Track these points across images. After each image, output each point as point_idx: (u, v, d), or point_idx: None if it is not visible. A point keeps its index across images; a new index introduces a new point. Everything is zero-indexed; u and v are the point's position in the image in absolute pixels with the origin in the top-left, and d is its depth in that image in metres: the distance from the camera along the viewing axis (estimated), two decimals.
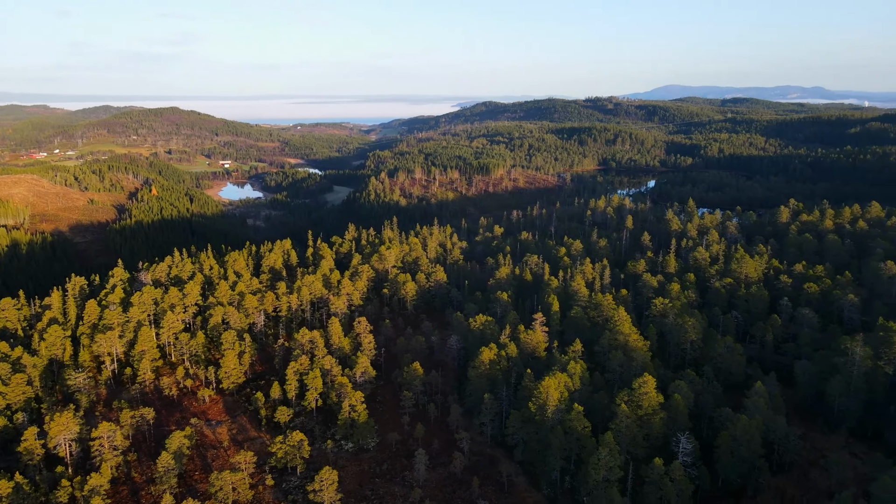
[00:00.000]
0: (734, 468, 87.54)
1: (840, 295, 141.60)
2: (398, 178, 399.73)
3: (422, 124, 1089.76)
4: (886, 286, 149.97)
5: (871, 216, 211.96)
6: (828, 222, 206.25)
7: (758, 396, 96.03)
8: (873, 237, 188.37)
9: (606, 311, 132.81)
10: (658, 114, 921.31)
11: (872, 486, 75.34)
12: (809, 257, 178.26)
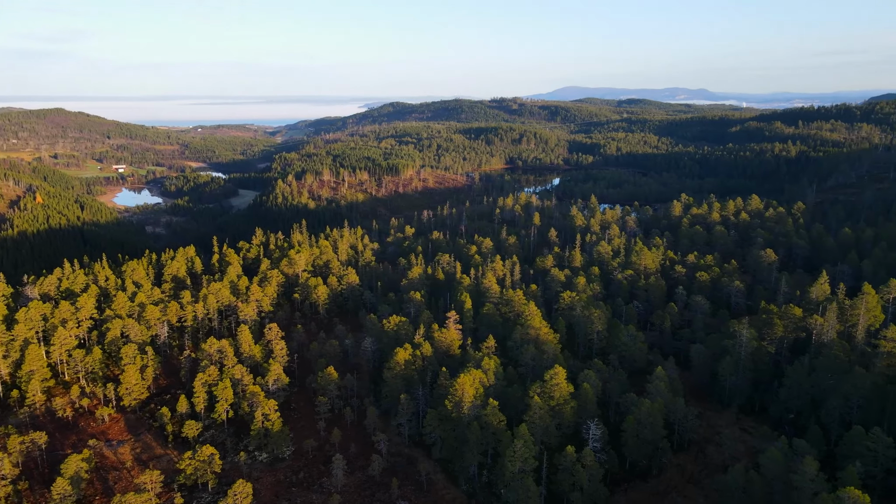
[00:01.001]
0: (640, 450, 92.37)
1: (728, 282, 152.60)
2: (306, 181, 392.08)
3: (329, 125, 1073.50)
4: (766, 272, 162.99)
5: (751, 208, 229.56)
6: (715, 215, 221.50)
7: (659, 381, 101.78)
8: (754, 227, 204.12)
9: (517, 306, 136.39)
10: (560, 114, 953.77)
11: (761, 458, 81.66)
12: (700, 248, 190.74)
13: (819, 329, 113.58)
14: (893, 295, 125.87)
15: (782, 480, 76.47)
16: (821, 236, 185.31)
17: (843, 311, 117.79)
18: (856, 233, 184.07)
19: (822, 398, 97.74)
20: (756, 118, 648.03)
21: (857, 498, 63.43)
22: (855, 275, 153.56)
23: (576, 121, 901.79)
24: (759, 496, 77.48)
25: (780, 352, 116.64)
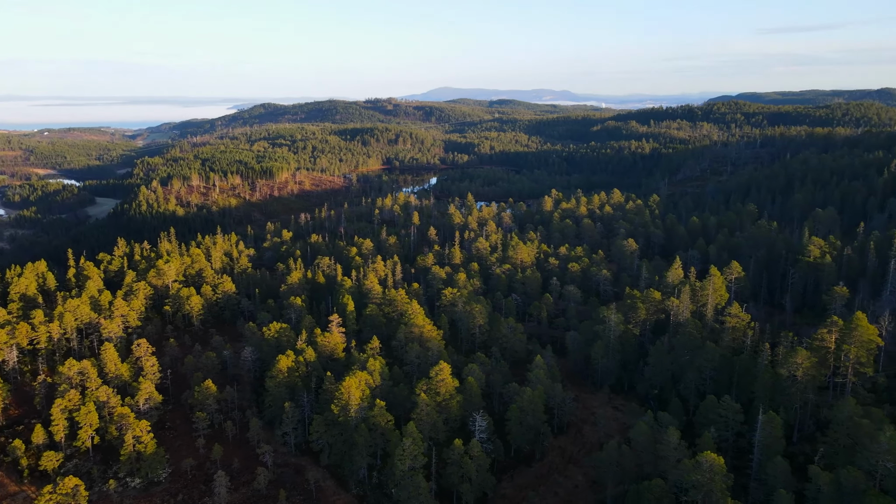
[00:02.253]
0: (524, 436, 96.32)
1: (596, 271, 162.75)
2: (173, 187, 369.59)
3: (196, 128, 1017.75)
4: (629, 260, 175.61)
5: (614, 201, 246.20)
6: (582, 209, 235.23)
7: (538, 369, 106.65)
8: (617, 219, 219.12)
9: (400, 305, 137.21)
10: (435, 114, 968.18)
11: (631, 433, 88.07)
12: (571, 240, 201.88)
13: (676, 310, 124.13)
14: (734, 276, 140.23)
15: (650, 451, 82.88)
16: (674, 225, 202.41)
17: (695, 293, 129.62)
18: (702, 221, 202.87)
19: (680, 373, 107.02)
20: (614, 118, 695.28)
21: (713, 461, 70.11)
22: (703, 259, 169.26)
23: (450, 121, 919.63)
24: (630, 468, 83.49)
25: (644, 333, 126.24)
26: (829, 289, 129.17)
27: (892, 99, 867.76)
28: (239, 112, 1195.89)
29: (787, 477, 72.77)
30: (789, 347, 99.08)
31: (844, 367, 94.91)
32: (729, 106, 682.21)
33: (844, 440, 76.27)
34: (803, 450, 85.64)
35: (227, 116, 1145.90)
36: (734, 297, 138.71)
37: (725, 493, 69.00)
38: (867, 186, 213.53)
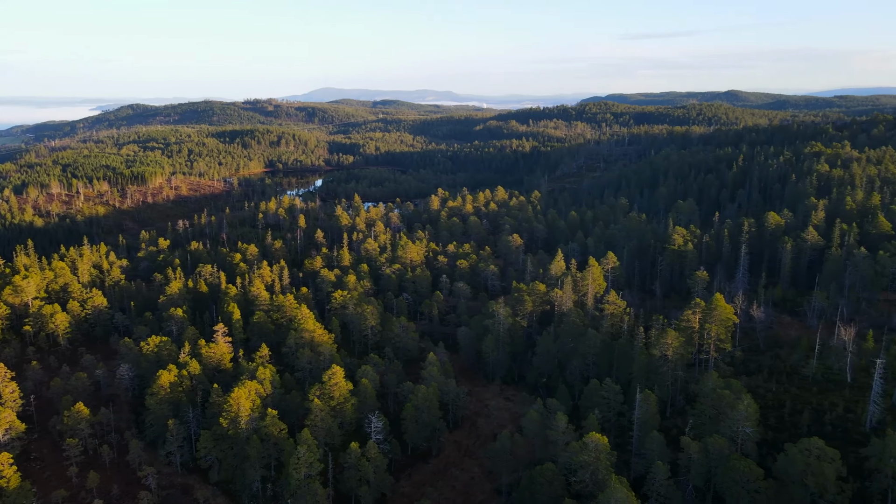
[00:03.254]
0: (420, 433, 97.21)
1: (484, 267, 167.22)
2: (29, 195, 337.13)
3: (54, 130, 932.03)
4: (515, 255, 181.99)
5: (498, 199, 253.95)
6: (469, 206, 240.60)
7: (432, 366, 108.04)
8: (502, 216, 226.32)
9: (289, 311, 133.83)
10: (318, 115, 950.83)
11: (522, 421, 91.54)
12: (458, 237, 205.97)
13: (560, 301, 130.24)
14: (611, 266, 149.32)
15: (541, 437, 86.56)
16: (555, 220, 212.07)
17: (576, 283, 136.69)
18: (580, 215, 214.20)
19: (566, 360, 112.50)
20: (495, 118, 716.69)
21: (598, 441, 74.41)
22: (583, 251, 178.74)
23: (334, 122, 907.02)
24: (523, 455, 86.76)
25: (531, 325, 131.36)
26: (691, 274, 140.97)
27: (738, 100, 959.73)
28: (104, 113, 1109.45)
29: (662, 449, 78.59)
30: (660, 329, 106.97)
31: (707, 345, 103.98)
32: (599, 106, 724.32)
33: (710, 411, 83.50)
34: (676, 423, 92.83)
35: (91, 118, 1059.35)
36: (611, 285, 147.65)
37: (610, 469, 73.45)
38: (720, 179, 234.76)
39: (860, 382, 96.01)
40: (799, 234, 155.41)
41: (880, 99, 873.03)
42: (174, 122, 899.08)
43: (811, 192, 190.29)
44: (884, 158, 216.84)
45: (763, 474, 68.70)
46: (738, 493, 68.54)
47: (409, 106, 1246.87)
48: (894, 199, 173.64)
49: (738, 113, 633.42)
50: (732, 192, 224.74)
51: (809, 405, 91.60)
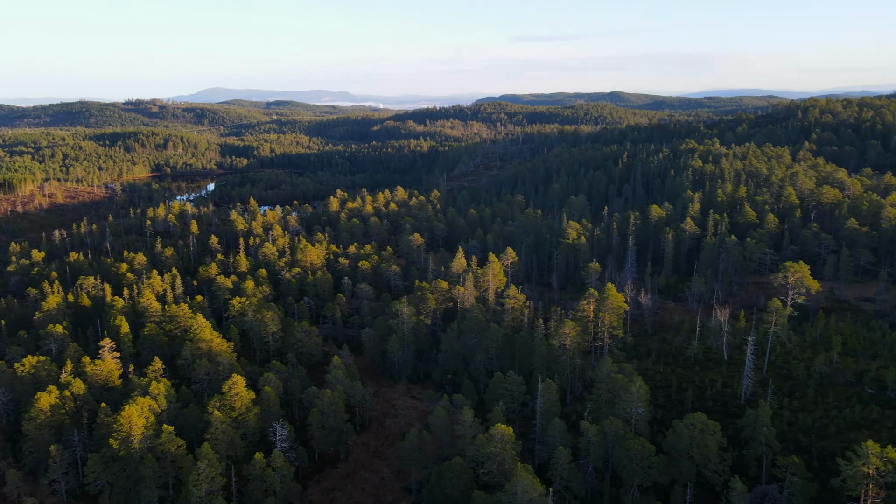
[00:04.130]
0: (327, 438, 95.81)
1: (386, 267, 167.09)
2: None
3: None
4: (417, 254, 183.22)
5: (398, 199, 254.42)
6: (368, 207, 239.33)
7: (336, 369, 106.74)
8: (402, 216, 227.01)
9: (184, 321, 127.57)
10: (207, 116, 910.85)
11: (430, 418, 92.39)
12: (359, 239, 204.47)
13: (462, 297, 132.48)
14: (510, 261, 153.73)
15: (448, 433, 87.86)
16: (454, 218, 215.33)
17: (478, 280, 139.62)
18: (479, 213, 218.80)
19: (470, 356, 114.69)
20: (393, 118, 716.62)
21: (503, 432, 76.51)
22: (483, 247, 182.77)
23: (225, 123, 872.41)
24: (432, 452, 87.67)
25: (435, 322, 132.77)
26: (585, 266, 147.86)
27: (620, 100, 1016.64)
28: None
29: (564, 435, 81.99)
30: (558, 320, 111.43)
31: (601, 332, 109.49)
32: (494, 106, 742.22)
33: (606, 395, 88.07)
34: (575, 409, 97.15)
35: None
36: (511, 280, 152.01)
37: (515, 458, 75.75)
38: (607, 176, 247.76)
39: (735, 359, 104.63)
40: (679, 224, 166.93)
41: (743, 100, 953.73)
42: (45, 124, 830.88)
43: (688, 185, 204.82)
44: (748, 154, 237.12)
45: (655, 450, 73.34)
46: (633, 470, 72.78)
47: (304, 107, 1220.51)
48: (758, 191, 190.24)
49: (621, 113, 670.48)
50: (619, 187, 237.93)
51: (693, 383, 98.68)
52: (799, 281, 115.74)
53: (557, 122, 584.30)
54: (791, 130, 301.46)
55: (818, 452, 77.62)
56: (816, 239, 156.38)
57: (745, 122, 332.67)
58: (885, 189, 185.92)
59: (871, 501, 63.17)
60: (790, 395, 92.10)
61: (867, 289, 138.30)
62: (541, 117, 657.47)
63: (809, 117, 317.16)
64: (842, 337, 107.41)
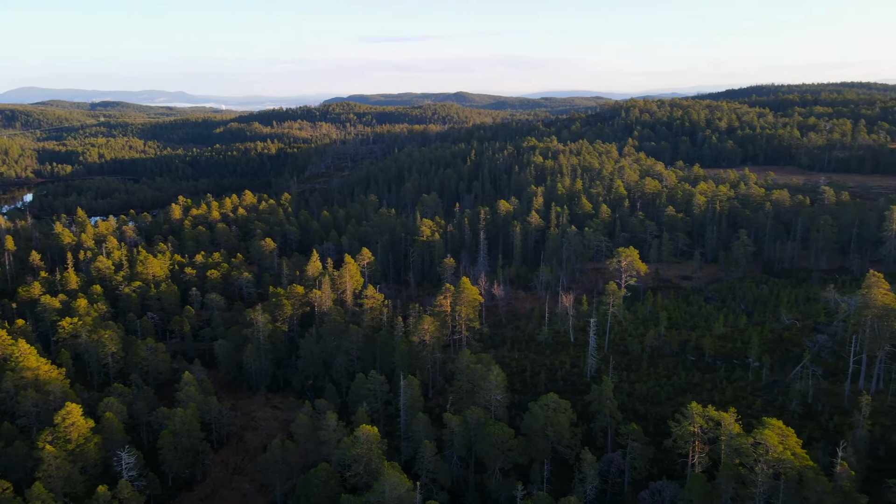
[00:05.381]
0: (181, 461, 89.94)
1: (237, 275, 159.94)
2: None
3: None
4: (269, 260, 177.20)
5: (247, 203, 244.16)
6: (215, 213, 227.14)
7: (188, 386, 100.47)
8: (252, 221, 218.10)
9: (3, 349, 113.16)
10: (20, 119, 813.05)
11: (292, 427, 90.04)
12: (206, 247, 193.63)
13: (319, 301, 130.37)
14: (366, 261, 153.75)
15: (313, 440, 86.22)
16: (307, 221, 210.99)
17: (334, 282, 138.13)
18: (332, 214, 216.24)
19: (331, 359, 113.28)
20: (237, 119, 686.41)
21: (369, 432, 76.52)
22: (338, 249, 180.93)
23: (42, 126, 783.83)
24: (296, 461, 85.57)
25: (292, 328, 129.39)
26: (440, 262, 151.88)
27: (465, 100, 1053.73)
28: None
29: (428, 429, 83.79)
30: (417, 317, 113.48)
31: (459, 325, 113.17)
32: (342, 107, 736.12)
33: (466, 386, 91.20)
34: (438, 402, 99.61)
35: None
36: (368, 280, 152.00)
37: (382, 457, 76.16)
38: (457, 173, 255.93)
39: (580, 340, 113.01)
40: (525, 218, 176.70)
41: (575, 100, 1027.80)
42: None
43: (531, 180, 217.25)
44: (582, 150, 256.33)
45: (514, 433, 77.30)
46: (495, 455, 76.17)
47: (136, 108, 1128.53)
48: (592, 184, 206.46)
49: (467, 112, 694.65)
50: (469, 184, 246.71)
51: (545, 366, 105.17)
52: (630, 265, 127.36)
53: (407, 122, 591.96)
54: (617, 128, 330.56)
55: (653, 418, 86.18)
56: (642, 226, 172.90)
57: (578, 120, 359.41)
58: (695, 179, 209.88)
59: (697, 456, 71.35)
60: (628, 369, 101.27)
61: (685, 268, 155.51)
62: (390, 117, 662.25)
63: (631, 116, 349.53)
64: (667, 312, 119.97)
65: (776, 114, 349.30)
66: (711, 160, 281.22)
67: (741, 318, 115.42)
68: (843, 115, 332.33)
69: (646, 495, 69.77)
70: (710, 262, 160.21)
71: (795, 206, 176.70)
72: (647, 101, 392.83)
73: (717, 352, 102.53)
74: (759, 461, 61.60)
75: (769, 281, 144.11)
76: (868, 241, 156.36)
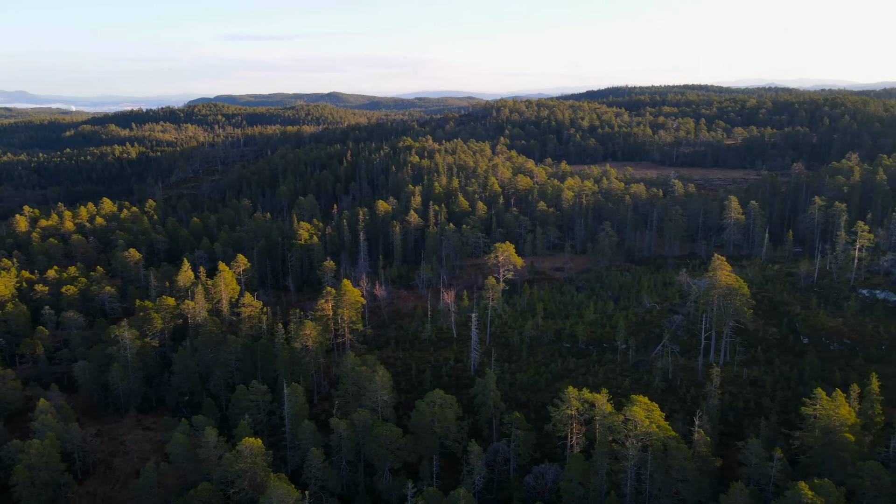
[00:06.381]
0: (39, 497, 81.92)
1: (98, 290, 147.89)
2: None
3: None
4: (135, 271, 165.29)
5: (105, 212, 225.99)
6: (69, 224, 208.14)
7: (45, 414, 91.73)
8: (113, 230, 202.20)
9: None
10: None
11: (168, 447, 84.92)
12: (60, 261, 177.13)
13: (193, 312, 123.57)
14: (242, 268, 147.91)
15: (192, 459, 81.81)
16: (176, 228, 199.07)
17: (209, 291, 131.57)
18: (203, 221, 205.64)
19: (208, 373, 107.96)
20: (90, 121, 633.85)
21: (252, 445, 73.88)
22: (211, 257, 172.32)
23: None
24: (174, 483, 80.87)
25: (164, 343, 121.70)
26: (320, 265, 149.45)
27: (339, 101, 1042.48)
28: None
29: (315, 436, 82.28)
30: (298, 323, 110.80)
31: (342, 328, 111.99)
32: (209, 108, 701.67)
33: (352, 388, 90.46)
34: (324, 408, 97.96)
35: None
36: (245, 287, 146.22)
37: (268, 470, 73.91)
38: (334, 174, 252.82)
39: (463, 335, 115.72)
40: (404, 217, 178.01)
41: (448, 100, 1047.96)
42: None
43: (408, 180, 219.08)
44: (457, 149, 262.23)
45: (402, 432, 77.91)
46: (384, 456, 76.38)
47: None
48: (468, 182, 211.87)
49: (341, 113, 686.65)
50: (346, 185, 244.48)
51: (430, 363, 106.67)
52: (507, 259, 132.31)
53: (279, 123, 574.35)
54: (489, 127, 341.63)
55: (534, 405, 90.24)
56: (517, 221, 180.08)
57: (452, 120, 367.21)
58: (563, 175, 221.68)
59: (575, 437, 75.73)
60: (509, 360, 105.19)
61: (557, 260, 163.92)
62: (261, 118, 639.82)
63: (502, 116, 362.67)
64: (543, 303, 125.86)
65: (631, 113, 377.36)
66: (577, 157, 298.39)
67: (609, 305, 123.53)
68: (686, 114, 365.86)
69: (530, 479, 73.04)
70: (580, 254, 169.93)
71: (651, 199, 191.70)
72: (515, 102, 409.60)
73: (589, 337, 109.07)
74: (629, 436, 66.55)
75: (632, 269, 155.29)
76: (712, 228, 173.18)
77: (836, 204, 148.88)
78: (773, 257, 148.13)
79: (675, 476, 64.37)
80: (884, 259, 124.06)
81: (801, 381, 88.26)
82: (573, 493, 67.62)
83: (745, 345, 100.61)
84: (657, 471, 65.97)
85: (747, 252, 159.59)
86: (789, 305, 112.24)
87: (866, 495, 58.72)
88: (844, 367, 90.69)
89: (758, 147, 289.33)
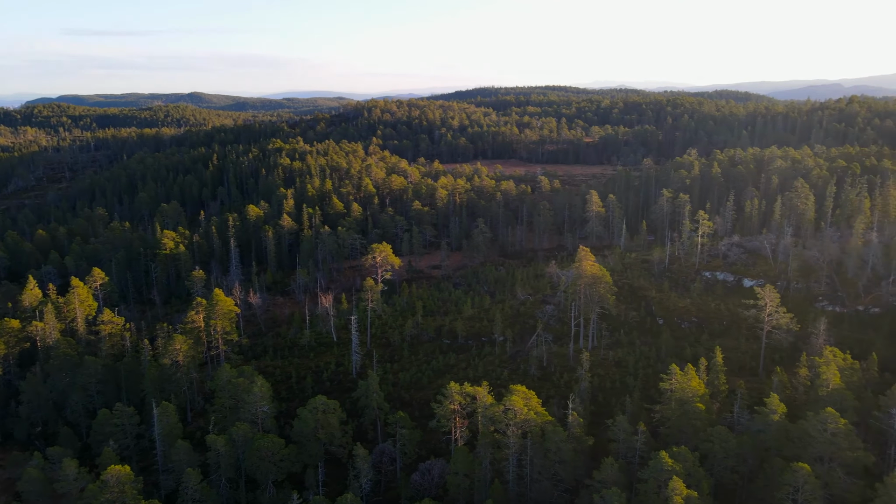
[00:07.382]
0: None
1: None
2: None
3: None
4: None
5: None
6: None
7: None
8: None
9: None
10: None
11: (20, 485, 76.92)
12: None
13: (42, 334, 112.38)
14: (99, 282, 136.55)
15: (48, 495, 74.71)
16: (18, 243, 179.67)
17: (60, 310, 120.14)
18: (50, 233, 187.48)
19: (63, 399, 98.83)
20: None
21: (119, 472, 68.50)
22: (62, 272, 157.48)
23: None
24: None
25: (9, 370, 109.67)
26: (188, 275, 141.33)
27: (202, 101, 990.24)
28: None
29: (190, 456, 77.95)
30: (166, 337, 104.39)
31: (215, 340, 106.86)
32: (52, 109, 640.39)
33: (229, 402, 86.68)
34: (199, 425, 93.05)
35: None
36: (104, 303, 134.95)
37: (138, 497, 69.00)
38: (199, 179, 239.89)
39: (343, 339, 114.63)
40: (276, 221, 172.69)
41: (318, 101, 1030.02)
42: None
43: (280, 183, 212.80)
44: (329, 150, 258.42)
45: (284, 443, 75.82)
46: (266, 468, 73.95)
47: None
48: (342, 183, 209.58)
49: (204, 114, 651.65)
50: (213, 190, 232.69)
51: (310, 370, 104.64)
52: (385, 259, 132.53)
53: (135, 126, 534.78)
54: (361, 128, 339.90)
55: (418, 403, 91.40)
56: (393, 221, 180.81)
57: (323, 121, 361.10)
58: (436, 174, 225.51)
59: (459, 431, 77.65)
60: (391, 360, 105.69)
61: (434, 258, 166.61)
62: (114, 120, 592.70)
63: (374, 116, 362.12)
64: (422, 301, 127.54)
65: (498, 113, 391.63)
66: (449, 156, 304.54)
67: (486, 299, 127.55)
68: (549, 114, 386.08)
69: (417, 477, 73.96)
70: (456, 251, 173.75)
71: (520, 195, 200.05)
72: (387, 102, 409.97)
73: (468, 332, 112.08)
74: (509, 425, 69.36)
75: (506, 263, 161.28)
76: (577, 221, 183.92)
77: (681, 195, 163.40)
78: (631, 246, 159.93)
79: (553, 458, 67.96)
80: (721, 244, 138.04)
81: (659, 358, 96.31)
82: (459, 486, 69.40)
83: (609, 329, 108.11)
84: (536, 455, 69.31)
85: (608, 242, 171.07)
86: (646, 290, 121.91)
87: (717, 457, 65.39)
88: (694, 343, 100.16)
89: (613, 144, 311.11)
